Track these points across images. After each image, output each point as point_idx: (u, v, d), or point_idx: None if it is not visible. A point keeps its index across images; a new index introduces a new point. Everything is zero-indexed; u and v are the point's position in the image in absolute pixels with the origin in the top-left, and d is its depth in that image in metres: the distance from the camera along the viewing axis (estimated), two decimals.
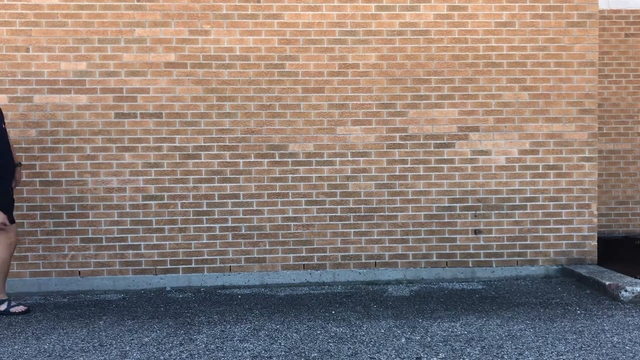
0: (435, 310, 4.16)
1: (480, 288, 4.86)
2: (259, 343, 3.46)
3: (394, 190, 5.08)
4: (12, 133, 4.81)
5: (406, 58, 5.05)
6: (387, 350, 3.30)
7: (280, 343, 3.46)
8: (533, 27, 5.12)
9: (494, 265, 5.17)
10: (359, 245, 5.07)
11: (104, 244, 4.91)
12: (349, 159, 5.05)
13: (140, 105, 4.91)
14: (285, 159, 5.02)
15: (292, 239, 5.04)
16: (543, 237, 5.17)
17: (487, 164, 5.13)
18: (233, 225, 5.00)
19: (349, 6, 5.00)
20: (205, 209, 4.97)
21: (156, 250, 4.95)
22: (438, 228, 5.12)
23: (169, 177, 4.94)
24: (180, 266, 4.98)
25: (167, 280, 4.96)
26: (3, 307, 4.25)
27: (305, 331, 3.69)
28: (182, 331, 3.74)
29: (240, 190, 5.00)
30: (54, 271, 4.88)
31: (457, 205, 5.11)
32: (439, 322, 3.83)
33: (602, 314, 3.97)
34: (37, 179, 4.85)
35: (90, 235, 4.90)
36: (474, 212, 5.13)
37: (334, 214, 5.06)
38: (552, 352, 3.22)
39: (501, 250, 5.16)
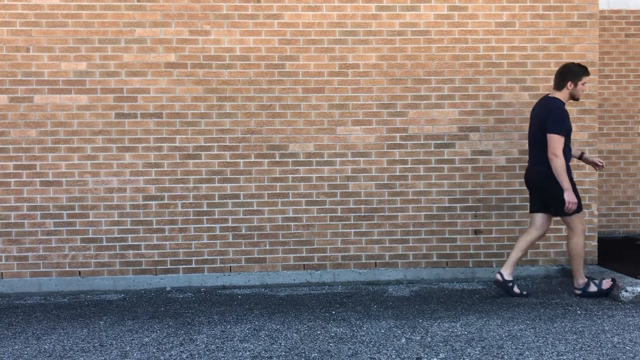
0: (436, 310, 4.16)
1: (480, 288, 4.85)
2: (259, 343, 3.47)
3: (394, 190, 5.08)
4: (13, 133, 4.82)
5: (406, 58, 5.05)
6: (388, 350, 3.30)
7: (280, 343, 3.46)
8: (533, 27, 5.11)
9: (494, 266, 5.16)
10: (359, 246, 5.07)
11: (105, 244, 4.91)
12: (349, 159, 5.05)
13: (141, 106, 4.91)
14: (286, 159, 5.02)
15: (293, 239, 5.04)
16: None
17: (487, 164, 5.12)
18: (233, 225, 5.00)
19: (349, 6, 5.00)
20: (205, 209, 4.97)
21: (156, 251, 4.95)
22: (438, 228, 5.12)
23: (170, 177, 4.94)
24: (181, 266, 4.98)
25: (168, 280, 4.96)
26: (593, 288, 4.38)
27: (306, 331, 3.69)
28: (182, 331, 3.74)
29: (240, 190, 5.00)
30: (54, 271, 4.88)
31: (458, 205, 5.11)
32: (439, 323, 3.83)
33: (602, 314, 3.97)
34: (38, 179, 4.85)
35: (90, 236, 4.90)
36: (474, 212, 5.13)
37: (334, 214, 5.06)
38: (552, 352, 3.22)
39: (501, 251, 5.16)
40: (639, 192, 6.75)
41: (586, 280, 4.44)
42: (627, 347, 3.30)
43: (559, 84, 4.40)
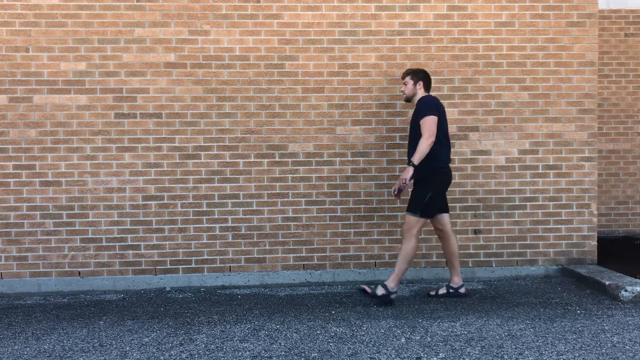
0: (435, 310, 4.16)
1: (480, 288, 4.86)
2: (259, 343, 3.47)
3: None
4: (12, 133, 4.82)
5: (406, 58, 5.05)
6: (387, 350, 3.30)
7: (280, 343, 3.46)
8: (533, 26, 5.12)
9: (493, 265, 5.17)
10: (359, 245, 5.07)
11: (104, 244, 4.91)
12: (349, 158, 5.05)
13: (140, 106, 4.91)
14: (285, 159, 5.02)
15: (292, 239, 5.04)
16: (543, 237, 5.17)
17: (486, 163, 5.12)
18: (233, 225, 5.00)
19: (349, 6, 5.00)
20: (205, 209, 4.97)
21: (156, 251, 4.95)
22: None
23: (169, 177, 4.94)
24: (180, 266, 4.98)
25: (167, 280, 4.96)
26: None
27: (305, 331, 3.69)
28: (182, 331, 3.74)
29: (240, 190, 5.00)
30: (54, 271, 4.88)
31: (457, 205, 5.11)
32: (439, 322, 3.83)
33: (602, 314, 3.97)
34: (37, 179, 4.85)
35: (90, 236, 4.90)
36: (473, 212, 5.13)
37: (334, 214, 5.06)
38: (552, 352, 3.22)
39: (501, 250, 5.16)
40: (638, 192, 6.75)
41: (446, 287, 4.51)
42: (627, 347, 3.30)
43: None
